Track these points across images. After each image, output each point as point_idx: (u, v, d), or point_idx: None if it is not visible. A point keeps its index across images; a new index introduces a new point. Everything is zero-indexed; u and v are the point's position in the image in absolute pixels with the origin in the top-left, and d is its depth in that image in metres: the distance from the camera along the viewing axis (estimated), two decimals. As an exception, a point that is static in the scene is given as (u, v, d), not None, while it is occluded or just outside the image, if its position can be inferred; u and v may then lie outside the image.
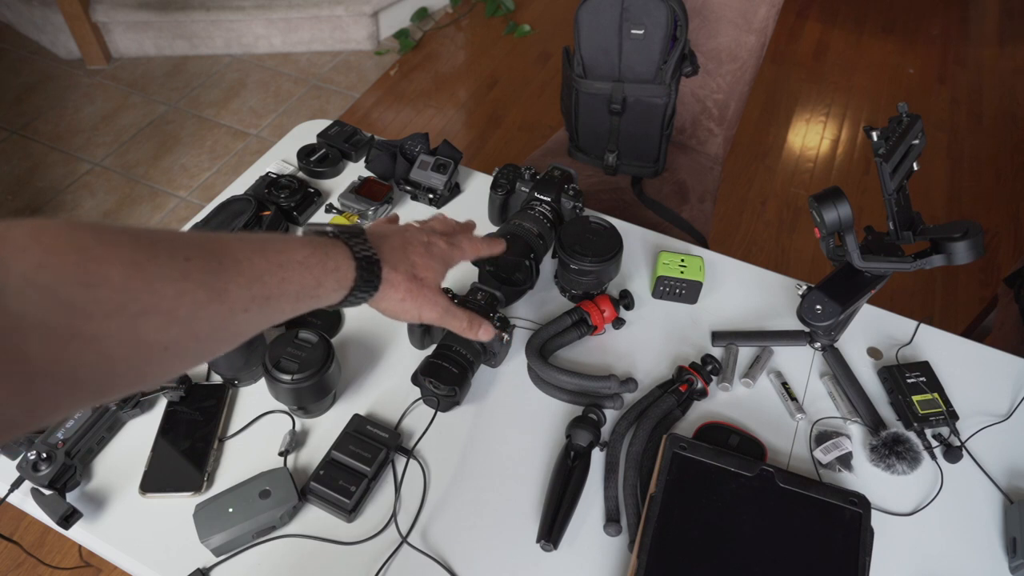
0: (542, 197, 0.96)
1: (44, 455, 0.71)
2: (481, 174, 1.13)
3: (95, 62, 2.67)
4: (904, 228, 0.78)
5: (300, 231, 0.55)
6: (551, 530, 0.72)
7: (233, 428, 0.81)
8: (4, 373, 0.30)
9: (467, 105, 2.62)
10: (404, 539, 0.73)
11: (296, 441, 0.80)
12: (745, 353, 0.91)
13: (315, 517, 0.74)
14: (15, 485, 0.73)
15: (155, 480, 0.75)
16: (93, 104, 2.53)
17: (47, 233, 0.34)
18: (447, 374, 0.79)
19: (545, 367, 0.84)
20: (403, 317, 0.61)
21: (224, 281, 0.41)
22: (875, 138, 0.74)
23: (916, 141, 0.76)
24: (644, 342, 0.92)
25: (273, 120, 2.51)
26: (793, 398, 0.85)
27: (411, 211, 1.07)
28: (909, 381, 0.86)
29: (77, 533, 0.73)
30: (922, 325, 0.94)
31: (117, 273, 0.35)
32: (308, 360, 0.76)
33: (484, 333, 0.70)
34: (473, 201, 1.09)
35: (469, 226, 0.73)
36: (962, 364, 0.90)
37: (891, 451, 0.79)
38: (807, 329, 0.88)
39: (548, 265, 0.99)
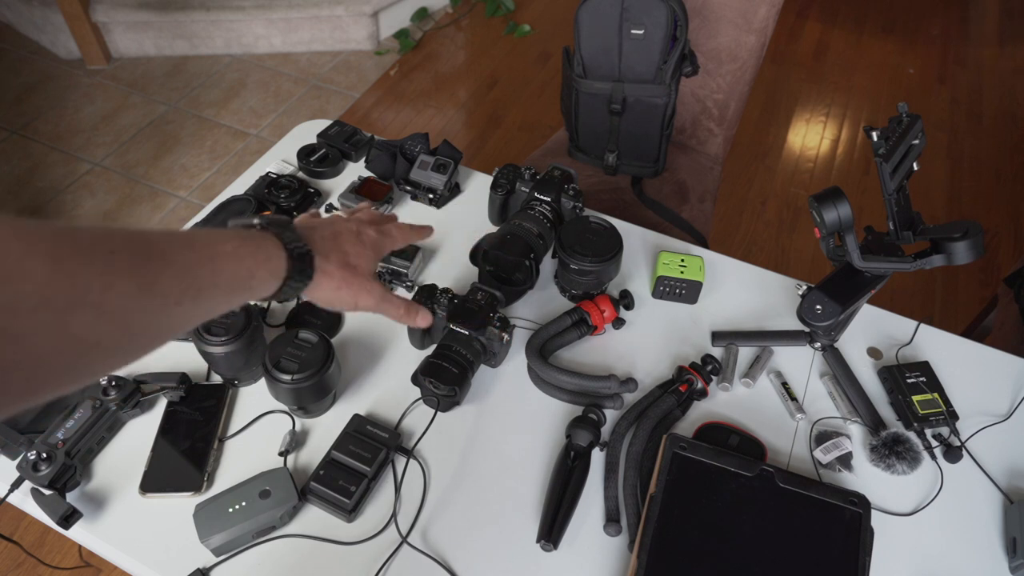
0: (542, 197, 0.96)
1: (44, 455, 0.71)
2: (481, 174, 1.13)
3: (95, 62, 2.67)
4: (904, 228, 0.78)
5: (229, 223, 0.55)
6: (551, 530, 0.72)
7: (233, 428, 0.81)
8: None
9: (467, 105, 2.62)
10: (404, 539, 0.73)
11: (296, 441, 0.80)
12: (745, 353, 0.91)
13: (315, 517, 0.74)
14: (15, 485, 0.73)
15: (155, 480, 0.75)
16: (93, 104, 2.53)
17: None
18: (447, 374, 0.79)
19: (545, 367, 0.84)
20: (338, 306, 0.61)
21: (154, 273, 0.40)
22: (875, 138, 0.74)
23: (916, 141, 0.76)
24: (644, 342, 0.92)
25: (273, 120, 2.51)
26: (793, 398, 0.85)
27: (411, 211, 1.07)
28: (909, 381, 0.86)
29: (77, 533, 0.73)
30: (922, 325, 0.94)
31: (39, 267, 0.34)
32: (308, 360, 0.76)
33: (422, 319, 0.68)
34: (473, 201, 1.09)
35: (393, 217, 0.73)
36: (962, 364, 0.90)
37: (891, 451, 0.79)
38: (807, 329, 0.88)
39: (548, 265, 0.99)
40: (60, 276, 0.35)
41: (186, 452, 0.78)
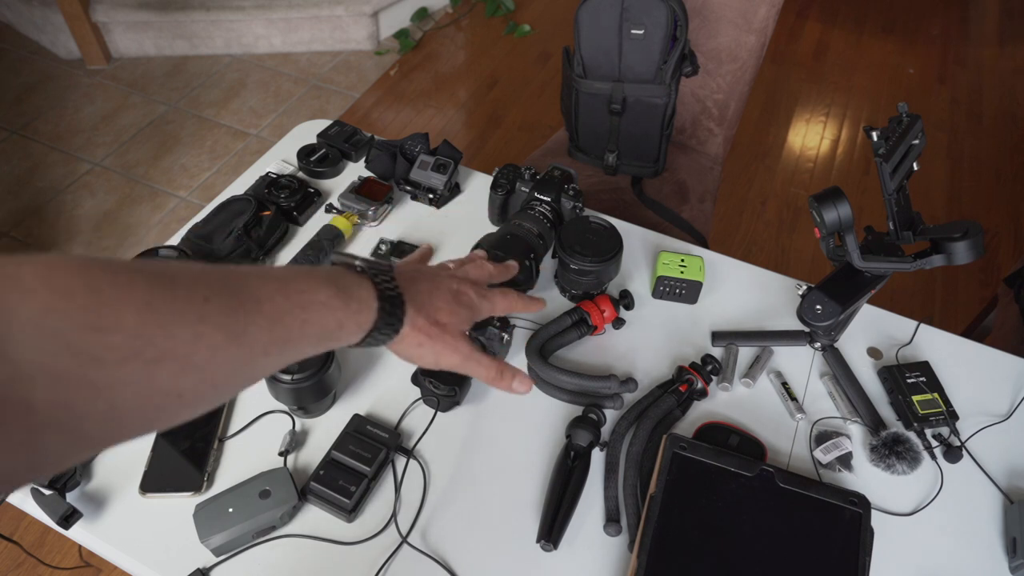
0: (542, 197, 0.96)
1: (44, 455, 0.71)
2: (481, 174, 1.13)
3: (95, 62, 2.67)
4: (904, 228, 0.78)
5: (331, 259, 0.53)
6: (551, 530, 0.72)
7: (233, 428, 0.81)
8: (5, 425, 0.28)
9: (467, 105, 2.62)
10: (404, 539, 0.73)
11: (296, 441, 0.80)
12: (745, 353, 0.91)
13: (315, 517, 0.74)
14: (15, 485, 0.73)
15: (155, 480, 0.75)
16: (93, 104, 2.53)
17: (57, 273, 0.32)
18: (447, 374, 0.79)
19: (545, 367, 0.84)
20: (418, 362, 0.58)
21: (243, 324, 0.39)
22: (875, 138, 0.74)
23: (916, 141, 0.76)
24: (644, 342, 0.92)
25: (273, 120, 2.51)
26: (793, 398, 0.85)
27: (411, 211, 1.07)
28: (909, 381, 0.86)
29: (77, 533, 0.73)
30: (922, 325, 0.94)
31: (131, 316, 0.33)
32: (308, 360, 0.76)
33: (519, 384, 0.62)
34: (473, 201, 1.09)
35: (507, 273, 0.68)
36: (962, 364, 0.90)
37: (891, 451, 0.79)
38: (807, 329, 0.88)
39: (548, 265, 0.99)
40: (152, 327, 0.34)
41: (186, 452, 0.78)
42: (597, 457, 0.80)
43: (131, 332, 0.33)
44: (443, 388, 0.80)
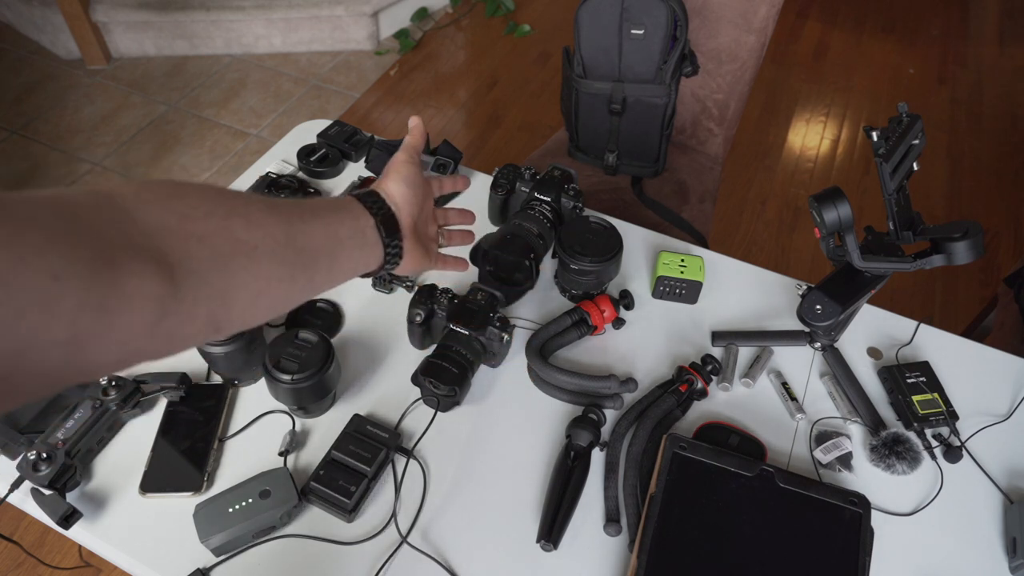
0: (542, 197, 0.96)
1: (44, 455, 0.71)
2: (481, 174, 1.13)
3: (95, 62, 2.67)
4: (904, 228, 0.78)
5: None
6: (551, 530, 0.72)
7: (233, 428, 0.81)
8: (153, 267, 0.36)
9: (467, 105, 2.62)
10: (404, 539, 0.73)
11: (296, 441, 0.80)
12: (745, 353, 0.91)
13: (315, 517, 0.74)
14: (15, 485, 0.73)
15: (155, 480, 0.75)
16: (93, 104, 2.53)
17: (145, 180, 0.43)
18: (447, 374, 0.79)
19: (545, 367, 0.84)
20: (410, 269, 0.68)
21: (271, 201, 0.49)
22: (875, 138, 0.74)
23: (916, 141, 0.76)
24: (644, 342, 0.92)
25: (273, 120, 2.51)
26: (793, 398, 0.85)
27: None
28: (909, 381, 0.86)
29: (77, 533, 0.73)
30: (922, 325, 0.94)
31: (192, 190, 0.43)
32: (308, 360, 0.76)
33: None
34: (473, 201, 1.09)
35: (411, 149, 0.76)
36: (962, 364, 0.90)
37: (891, 451, 0.79)
38: (807, 329, 0.88)
39: (548, 265, 0.99)
40: (216, 194, 0.44)
41: (186, 452, 0.78)
42: (597, 457, 0.80)
43: (200, 198, 0.43)
44: (443, 388, 0.80)
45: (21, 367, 0.30)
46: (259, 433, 0.81)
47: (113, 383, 0.78)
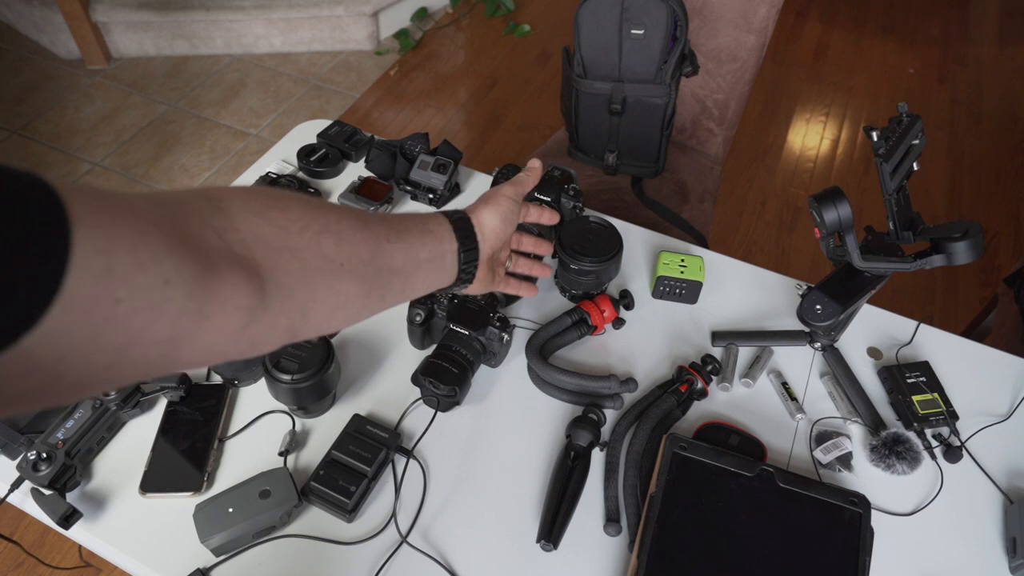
0: (542, 197, 0.95)
1: (44, 455, 0.71)
2: (481, 174, 1.13)
3: (95, 62, 2.67)
4: (904, 228, 0.78)
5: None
6: (551, 530, 0.72)
7: (233, 428, 0.81)
8: (244, 272, 0.39)
9: (467, 105, 2.62)
10: (404, 539, 0.73)
11: (296, 441, 0.80)
12: (745, 353, 0.91)
13: (315, 517, 0.74)
14: (15, 485, 0.73)
15: (155, 480, 0.75)
16: (93, 104, 2.53)
17: (241, 189, 0.45)
18: (447, 374, 0.79)
19: (545, 367, 0.84)
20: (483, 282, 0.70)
21: (364, 218, 0.52)
22: (875, 138, 0.74)
23: (916, 141, 0.76)
24: (644, 342, 0.92)
25: (273, 120, 2.51)
26: (793, 398, 0.85)
27: (411, 211, 1.07)
28: (909, 381, 0.86)
29: (77, 533, 0.73)
30: (922, 325, 0.94)
31: (296, 204, 0.46)
32: (308, 360, 0.76)
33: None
34: (473, 201, 1.09)
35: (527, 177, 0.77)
36: (962, 364, 0.90)
37: (891, 451, 0.79)
38: (807, 329, 0.88)
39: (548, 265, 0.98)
40: (311, 210, 0.47)
41: (186, 452, 0.78)
42: (597, 457, 0.80)
43: (300, 210, 0.45)
44: (443, 388, 0.80)
45: (125, 359, 0.33)
46: (259, 433, 0.81)
47: (113, 383, 0.78)
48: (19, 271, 0.26)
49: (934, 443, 0.82)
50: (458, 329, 0.82)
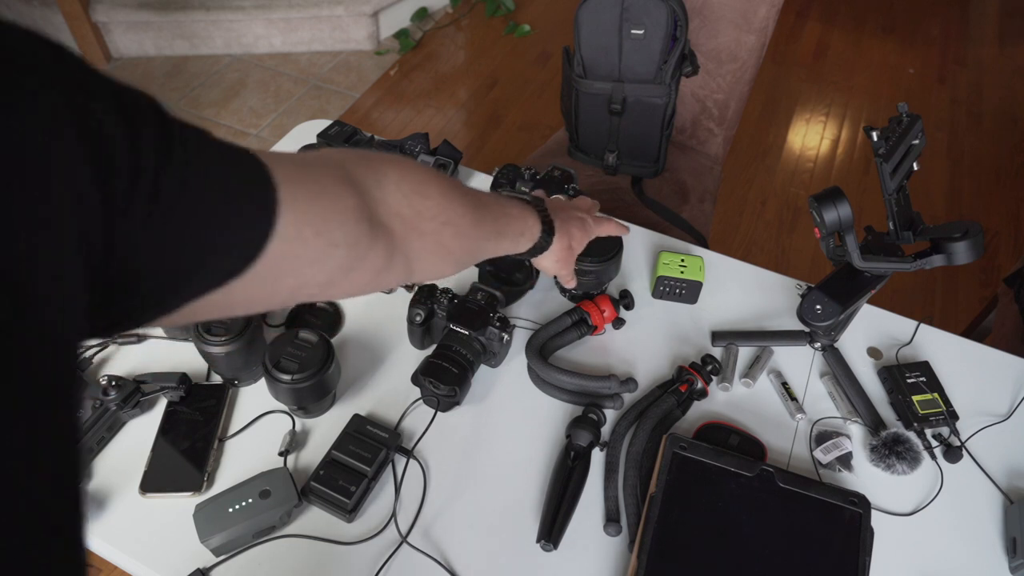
0: (542, 197, 0.95)
1: (44, 455, 0.71)
2: (481, 174, 1.13)
3: (95, 62, 2.66)
4: (904, 228, 0.78)
5: (504, 192, 0.78)
6: (551, 530, 0.72)
7: (233, 428, 0.81)
8: (384, 236, 0.48)
9: (467, 105, 2.62)
10: (404, 539, 0.73)
11: (296, 441, 0.80)
12: (745, 353, 0.91)
13: (315, 517, 0.74)
14: (15, 485, 0.72)
15: (155, 480, 0.75)
16: (93, 104, 2.53)
17: (407, 163, 0.53)
18: (447, 374, 0.79)
19: (545, 367, 0.84)
20: (547, 271, 0.79)
21: (481, 215, 0.60)
22: (875, 138, 0.74)
23: (916, 141, 0.76)
24: (644, 342, 0.92)
25: (273, 120, 2.51)
26: (793, 398, 0.85)
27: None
28: (909, 381, 0.86)
29: (77, 533, 0.72)
30: (922, 325, 0.94)
31: (435, 191, 0.54)
32: (308, 360, 0.76)
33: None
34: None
35: (597, 206, 0.86)
36: (962, 364, 0.90)
37: (891, 451, 0.79)
38: (807, 329, 0.88)
39: (548, 265, 0.99)
40: (446, 201, 0.55)
41: (186, 452, 0.78)
42: (597, 457, 0.80)
43: (436, 201, 0.54)
44: (443, 388, 0.80)
45: (295, 298, 0.45)
46: (259, 433, 0.81)
47: (113, 383, 0.78)
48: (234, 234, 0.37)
49: (934, 443, 0.82)
50: (458, 329, 0.82)
